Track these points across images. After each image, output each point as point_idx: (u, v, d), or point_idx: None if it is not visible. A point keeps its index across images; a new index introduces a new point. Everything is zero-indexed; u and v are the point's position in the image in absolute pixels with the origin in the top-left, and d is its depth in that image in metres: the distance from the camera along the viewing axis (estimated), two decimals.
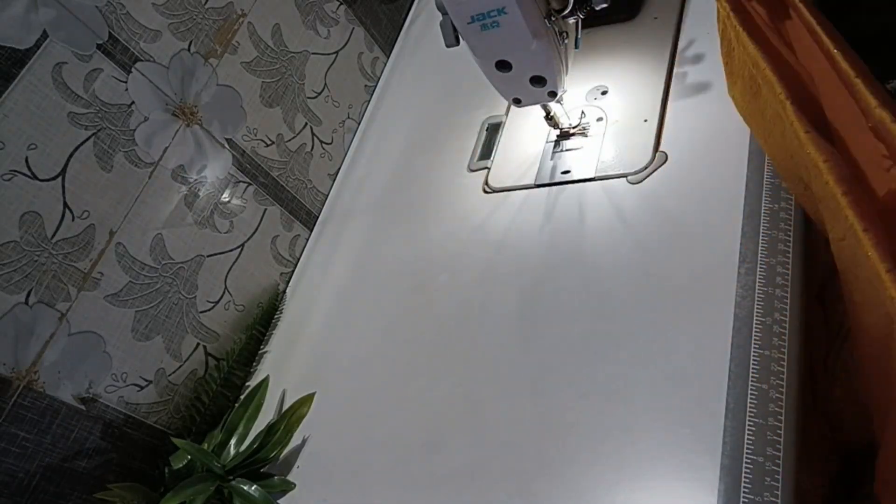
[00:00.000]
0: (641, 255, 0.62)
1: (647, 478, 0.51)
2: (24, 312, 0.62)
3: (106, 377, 0.69)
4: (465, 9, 0.56)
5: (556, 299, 0.64)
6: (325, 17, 0.95)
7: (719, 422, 0.50)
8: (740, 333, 0.53)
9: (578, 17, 0.62)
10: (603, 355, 0.58)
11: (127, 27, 0.70)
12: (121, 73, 0.70)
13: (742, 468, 0.47)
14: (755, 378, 0.50)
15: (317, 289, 0.86)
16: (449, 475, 0.60)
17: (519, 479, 0.56)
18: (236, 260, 0.82)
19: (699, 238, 0.60)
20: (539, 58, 0.60)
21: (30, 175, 0.62)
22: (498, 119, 0.85)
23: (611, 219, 0.67)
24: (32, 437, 0.62)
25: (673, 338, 0.56)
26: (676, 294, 0.58)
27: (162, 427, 0.74)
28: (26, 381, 0.62)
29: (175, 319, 0.75)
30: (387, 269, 0.80)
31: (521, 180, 0.76)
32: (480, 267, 0.72)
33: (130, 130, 0.70)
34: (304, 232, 0.92)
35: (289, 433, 0.70)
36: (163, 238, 0.74)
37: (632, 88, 0.74)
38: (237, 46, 0.82)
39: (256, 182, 0.85)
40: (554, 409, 0.58)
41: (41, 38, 0.63)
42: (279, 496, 0.67)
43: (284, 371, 0.79)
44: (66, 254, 0.65)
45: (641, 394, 0.55)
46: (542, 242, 0.70)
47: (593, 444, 0.54)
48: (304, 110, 0.92)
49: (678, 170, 0.66)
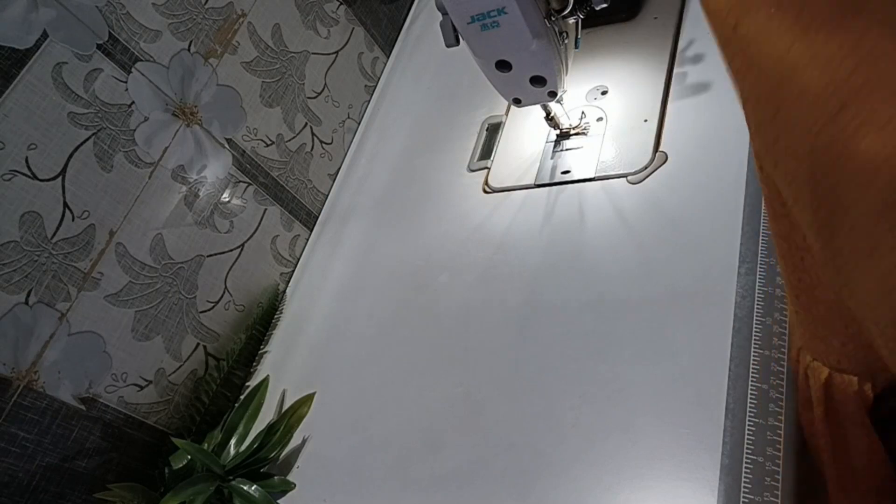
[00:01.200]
0: (641, 256, 0.62)
1: (647, 478, 0.51)
2: (24, 312, 0.62)
3: (106, 377, 0.69)
4: (465, 9, 0.56)
5: (556, 299, 0.64)
6: (325, 17, 0.95)
7: (719, 422, 0.50)
8: (740, 333, 0.53)
9: (578, 17, 0.62)
10: (603, 355, 0.58)
11: (127, 27, 0.70)
12: (121, 73, 0.70)
13: (742, 468, 0.47)
14: (755, 378, 0.50)
15: (317, 289, 0.86)
16: (449, 475, 0.60)
17: (519, 479, 0.56)
18: (236, 260, 0.82)
19: (699, 238, 0.60)
20: (539, 58, 0.60)
21: (30, 175, 0.62)
22: (498, 119, 0.85)
23: (611, 219, 0.67)
24: (32, 437, 0.63)
25: (673, 338, 0.56)
26: (676, 294, 0.58)
27: (162, 427, 0.74)
28: (26, 381, 0.62)
29: (175, 319, 0.75)
30: (387, 269, 0.80)
31: (521, 180, 0.76)
32: (480, 267, 0.72)
33: (130, 130, 0.70)
34: (304, 232, 0.92)
35: (289, 433, 0.70)
36: (163, 238, 0.74)
37: (632, 88, 0.74)
38: (237, 46, 0.82)
39: (256, 182, 0.85)
40: (554, 409, 0.58)
41: (41, 38, 0.63)
42: (279, 496, 0.67)
43: (284, 371, 0.79)
44: (66, 254, 0.65)
45: (641, 394, 0.55)
46: (542, 242, 0.70)
47: (593, 445, 0.54)
48: (304, 110, 0.92)
49: (678, 170, 0.66)
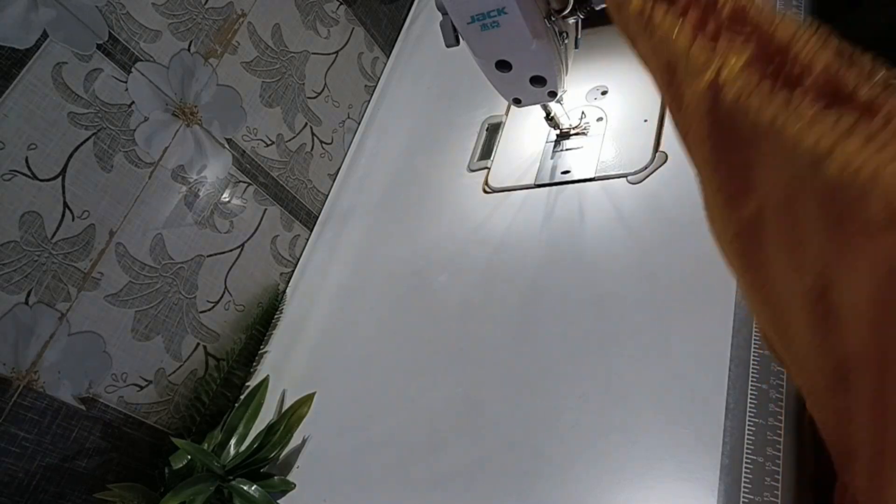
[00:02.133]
0: (641, 255, 0.62)
1: (648, 478, 0.51)
2: (24, 312, 0.62)
3: (106, 377, 0.69)
4: (465, 9, 0.56)
5: (556, 299, 0.64)
6: (325, 17, 0.95)
7: (719, 422, 0.50)
8: (740, 333, 0.53)
9: (578, 17, 0.62)
10: (603, 355, 0.58)
11: (127, 27, 0.70)
12: (121, 73, 0.70)
13: (742, 468, 0.47)
14: (755, 378, 0.50)
15: (317, 289, 0.86)
16: (449, 475, 0.60)
17: (519, 479, 0.56)
18: (236, 260, 0.82)
19: (699, 238, 0.60)
20: (539, 58, 0.60)
21: (30, 175, 0.62)
22: (498, 119, 0.85)
23: (611, 219, 0.67)
24: (32, 437, 0.62)
25: (673, 338, 0.56)
26: (676, 294, 0.58)
27: (162, 427, 0.74)
28: (26, 381, 0.62)
29: (175, 319, 0.75)
30: (387, 269, 0.80)
31: (521, 180, 0.76)
32: (480, 267, 0.72)
33: (130, 130, 0.70)
34: (304, 232, 0.92)
35: (289, 433, 0.70)
36: (163, 238, 0.74)
37: (632, 88, 0.74)
38: (237, 46, 0.82)
39: (256, 182, 0.85)
40: (554, 409, 0.58)
41: (41, 38, 0.63)
42: (279, 496, 0.67)
43: (284, 371, 0.79)
44: (66, 254, 0.65)
45: (641, 394, 0.55)
46: (541, 242, 0.70)
47: (593, 444, 0.54)
48: (304, 110, 0.92)
49: (678, 170, 0.66)
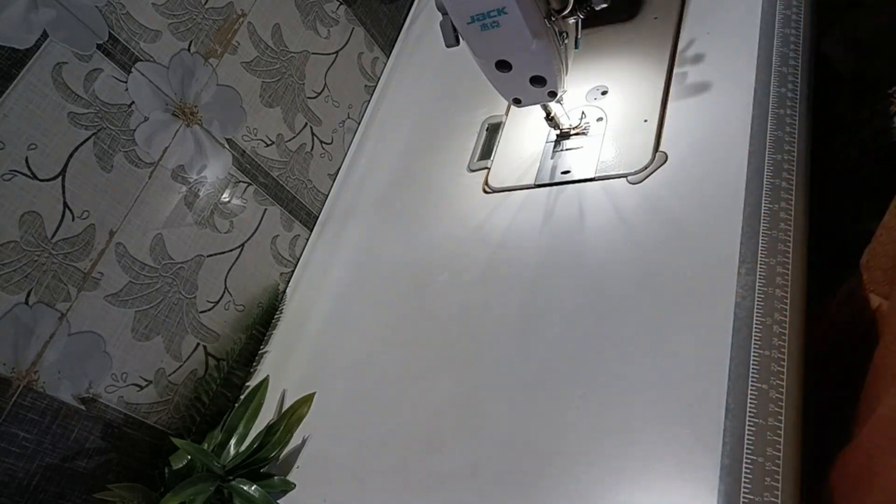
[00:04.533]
0: (641, 255, 0.62)
1: (648, 478, 0.51)
2: (24, 312, 0.62)
3: (106, 377, 0.69)
4: (465, 9, 0.56)
5: (556, 299, 0.64)
6: (325, 17, 0.95)
7: (719, 422, 0.50)
8: (740, 333, 0.53)
9: (578, 17, 0.62)
10: (603, 355, 0.58)
11: (127, 27, 0.70)
12: (121, 73, 0.70)
13: (742, 468, 0.47)
14: (755, 378, 0.50)
15: (317, 289, 0.86)
16: (449, 475, 0.60)
17: (519, 478, 0.56)
18: (236, 260, 0.82)
19: (699, 238, 0.60)
20: (539, 58, 0.60)
21: (30, 175, 0.62)
22: (498, 119, 0.85)
23: (611, 219, 0.67)
24: (32, 437, 0.62)
25: (673, 338, 0.56)
26: (676, 294, 0.58)
27: (162, 427, 0.74)
28: (26, 381, 0.62)
29: (175, 319, 0.75)
30: (387, 270, 0.80)
31: (521, 180, 0.76)
32: (480, 267, 0.72)
33: (130, 130, 0.70)
34: (304, 232, 0.92)
35: (289, 433, 0.70)
36: (163, 238, 0.74)
37: (632, 88, 0.74)
38: (237, 46, 0.82)
39: (256, 182, 0.85)
40: (554, 409, 0.58)
41: (41, 38, 0.63)
42: (279, 496, 0.67)
43: (284, 371, 0.79)
44: (66, 254, 0.65)
45: (641, 394, 0.55)
46: (541, 242, 0.70)
47: (593, 444, 0.54)
48: (304, 110, 0.92)
49: (678, 170, 0.66)
